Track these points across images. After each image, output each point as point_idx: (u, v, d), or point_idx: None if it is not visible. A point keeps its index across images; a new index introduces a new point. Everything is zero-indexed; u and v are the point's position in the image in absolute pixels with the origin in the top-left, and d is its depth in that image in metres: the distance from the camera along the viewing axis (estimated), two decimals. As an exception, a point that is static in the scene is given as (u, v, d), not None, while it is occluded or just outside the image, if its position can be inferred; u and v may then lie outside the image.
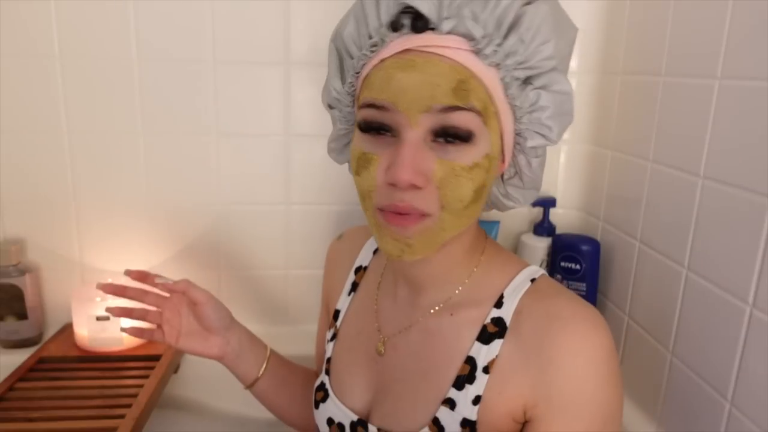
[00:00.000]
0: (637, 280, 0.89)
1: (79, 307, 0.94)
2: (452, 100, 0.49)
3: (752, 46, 0.64)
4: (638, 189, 0.88)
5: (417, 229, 0.52)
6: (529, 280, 0.59)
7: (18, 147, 0.98)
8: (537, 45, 0.51)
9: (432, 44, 0.50)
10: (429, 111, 0.50)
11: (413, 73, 0.50)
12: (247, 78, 0.99)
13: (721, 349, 0.69)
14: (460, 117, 0.50)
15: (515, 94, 0.52)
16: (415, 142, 0.51)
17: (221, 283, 1.08)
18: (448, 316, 0.60)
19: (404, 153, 0.50)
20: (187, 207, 1.04)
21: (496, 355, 0.56)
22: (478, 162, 0.51)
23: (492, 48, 0.50)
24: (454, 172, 0.51)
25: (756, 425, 0.63)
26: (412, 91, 0.50)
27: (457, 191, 0.51)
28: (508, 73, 0.52)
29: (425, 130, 0.51)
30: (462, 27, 0.50)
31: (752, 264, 0.64)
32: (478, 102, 0.50)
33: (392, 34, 0.52)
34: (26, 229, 1.01)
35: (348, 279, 0.73)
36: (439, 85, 0.49)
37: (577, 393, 0.53)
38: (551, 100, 0.53)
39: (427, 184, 0.51)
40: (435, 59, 0.50)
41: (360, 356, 0.66)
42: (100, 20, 0.94)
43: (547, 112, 0.54)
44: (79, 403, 0.81)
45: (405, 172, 0.50)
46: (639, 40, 0.90)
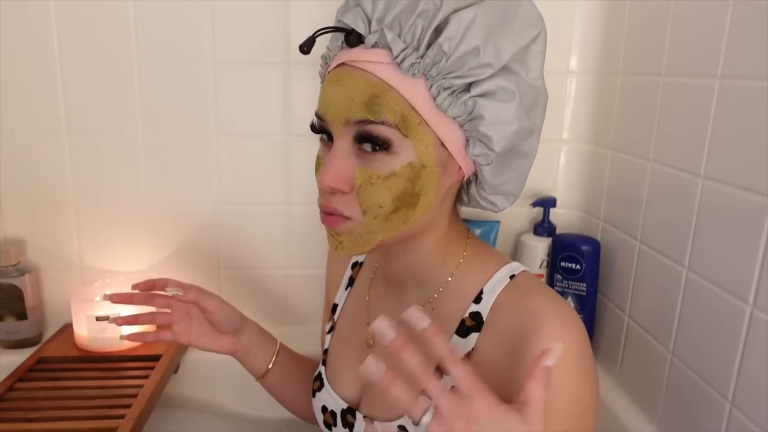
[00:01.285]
0: (637, 280, 0.89)
1: (78, 307, 0.94)
2: (364, 114, 0.53)
3: (752, 46, 0.64)
4: (638, 189, 0.88)
5: (342, 229, 0.57)
6: (508, 277, 0.61)
7: (18, 147, 0.98)
8: (462, 54, 0.51)
9: (357, 59, 0.54)
10: (347, 124, 0.54)
11: (337, 87, 0.54)
12: (247, 78, 0.99)
13: (721, 349, 0.69)
14: (374, 129, 0.53)
15: (446, 104, 0.53)
16: (341, 150, 0.55)
17: (221, 283, 1.08)
18: (430, 312, 0.63)
19: (329, 160, 0.55)
20: (187, 207, 1.04)
21: (472, 348, 0.58)
22: (395, 171, 0.54)
23: (412, 60, 0.52)
24: (370, 180, 0.54)
25: (756, 425, 0.63)
26: (334, 105, 0.54)
27: (373, 198, 0.54)
28: (435, 83, 0.52)
29: (349, 139, 0.55)
30: (383, 41, 0.52)
31: (752, 264, 0.64)
32: (392, 115, 0.52)
33: (334, 49, 0.57)
34: (26, 229, 1.01)
35: (346, 274, 0.77)
36: (354, 100, 0.53)
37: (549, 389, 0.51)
38: (489, 109, 0.53)
39: (351, 189, 0.55)
40: (357, 73, 0.54)
41: (352, 348, 0.70)
42: (100, 20, 0.94)
43: (483, 121, 0.53)
44: (78, 403, 0.81)
45: (326, 177, 0.54)
46: (639, 40, 0.90)
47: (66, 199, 1.01)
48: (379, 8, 0.53)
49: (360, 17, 0.54)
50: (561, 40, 1.03)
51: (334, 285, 0.79)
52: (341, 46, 0.56)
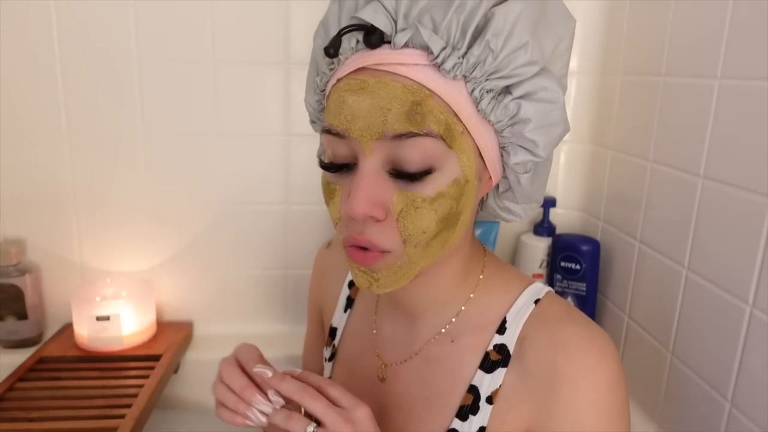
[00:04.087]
0: (637, 280, 0.89)
1: (79, 307, 0.94)
2: (406, 126, 0.45)
3: (752, 46, 0.64)
4: (638, 189, 0.88)
5: (380, 265, 0.49)
6: (533, 302, 0.56)
7: (18, 147, 0.98)
8: (510, 51, 0.45)
9: (386, 61, 0.46)
10: (382, 138, 0.45)
11: (364, 96, 0.45)
12: (247, 78, 0.99)
13: (721, 349, 0.69)
14: (416, 144, 0.45)
15: (489, 108, 0.47)
16: (371, 171, 0.46)
17: (221, 283, 1.08)
18: (449, 343, 0.57)
19: (359, 183, 0.46)
20: (187, 207, 1.04)
21: (500, 385, 0.54)
22: (442, 191, 0.47)
23: (454, 60, 0.45)
24: (414, 204, 0.46)
25: (756, 425, 0.63)
26: (363, 117, 0.45)
27: (417, 223, 0.47)
28: (478, 86, 0.46)
29: (382, 158, 0.46)
30: (418, 39, 0.45)
31: (752, 264, 0.64)
32: (437, 125, 0.45)
33: (347, 51, 0.48)
34: (26, 230, 1.01)
35: (342, 293, 0.69)
36: (390, 110, 0.45)
37: (576, 426, 0.50)
38: (534, 111, 0.47)
39: (386, 216, 0.47)
40: (387, 79, 0.45)
41: (361, 381, 0.63)
42: (100, 20, 0.94)
43: (529, 125, 0.48)
44: (79, 403, 0.81)
45: (359, 205, 0.46)
46: (639, 40, 0.90)
47: (66, 199, 1.01)
48: (404, 3, 0.45)
49: (382, 12, 0.45)
50: (561, 40, 1.02)
51: (327, 304, 0.71)
52: (355, 48, 0.48)
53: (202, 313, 1.08)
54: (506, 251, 1.12)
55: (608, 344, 0.53)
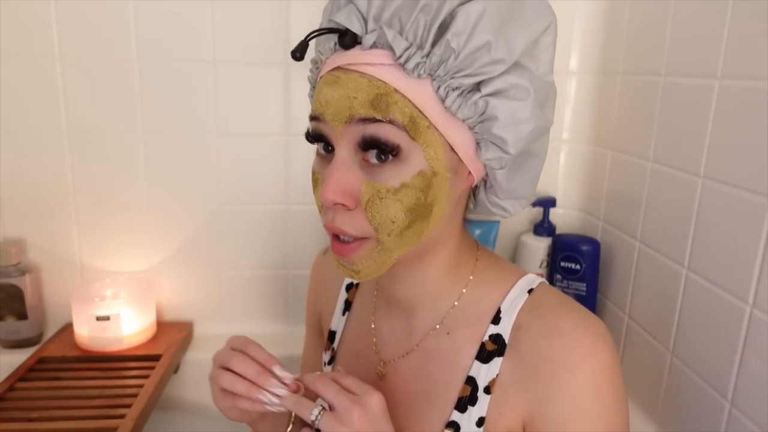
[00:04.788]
0: (637, 280, 0.89)
1: (79, 307, 0.94)
2: (370, 111, 0.48)
3: (752, 46, 0.64)
4: (638, 189, 0.88)
5: (358, 255, 0.51)
6: (526, 292, 0.57)
7: (18, 147, 0.98)
8: (472, 51, 0.46)
9: (356, 61, 0.49)
10: (350, 122, 0.49)
11: (336, 88, 0.49)
12: (247, 78, 0.99)
13: (721, 349, 0.69)
14: (380, 129, 0.48)
15: (456, 106, 0.49)
16: (343, 160, 0.50)
17: (221, 283, 1.08)
18: (445, 336, 0.58)
19: (331, 171, 0.50)
20: (187, 207, 1.04)
21: (497, 374, 0.55)
22: (407, 182, 0.49)
23: (417, 60, 0.47)
24: (379, 194, 0.49)
25: (756, 425, 0.63)
26: (333, 103, 0.49)
27: (383, 213, 0.49)
28: (443, 84, 0.48)
29: (352, 145, 0.50)
30: (384, 40, 0.47)
31: (752, 264, 0.64)
32: (401, 116, 0.48)
33: (326, 52, 0.52)
34: (26, 229, 1.01)
35: (340, 297, 0.70)
36: (356, 98, 0.48)
37: (575, 413, 0.51)
38: (502, 108, 0.49)
39: (356, 205, 0.50)
40: (355, 75, 0.49)
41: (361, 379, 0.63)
42: (100, 20, 0.94)
43: (497, 123, 0.49)
44: (79, 403, 0.81)
45: (329, 191, 0.49)
46: (639, 40, 0.90)
47: (66, 199, 1.01)
48: (375, 5, 0.48)
49: (354, 15, 0.49)
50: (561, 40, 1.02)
51: (326, 310, 0.72)
52: (334, 49, 0.51)
53: (202, 313, 1.08)
54: (506, 251, 1.12)
55: (603, 330, 0.54)
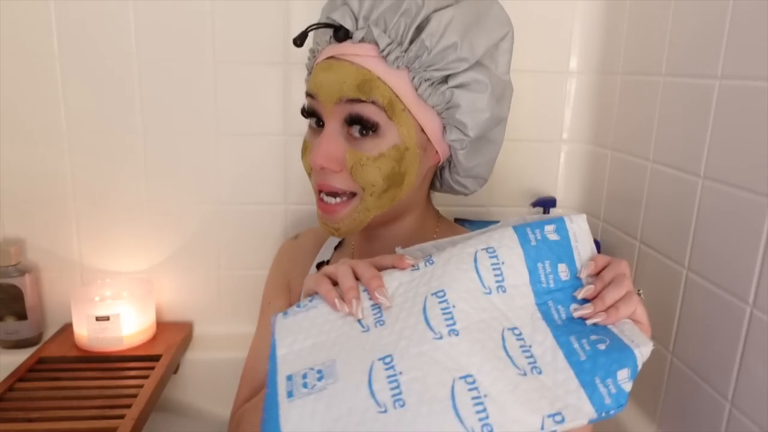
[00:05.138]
0: (637, 280, 0.89)
1: (78, 307, 0.94)
2: (356, 94, 0.59)
3: (752, 46, 0.64)
4: (638, 189, 0.88)
5: (341, 215, 0.63)
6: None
7: (18, 147, 0.98)
8: (441, 49, 0.58)
9: (346, 52, 0.60)
10: (339, 102, 0.60)
11: (329, 73, 0.60)
12: (247, 78, 0.99)
13: (721, 349, 0.69)
14: (364, 109, 0.59)
15: (427, 94, 0.60)
16: (331, 132, 0.61)
17: (221, 283, 1.08)
18: None
19: (320, 140, 0.61)
20: (187, 207, 1.04)
21: None
22: (383, 152, 0.60)
23: (397, 54, 0.59)
24: (360, 161, 0.60)
25: (756, 425, 0.63)
26: (326, 86, 0.60)
27: (366, 177, 0.60)
28: (417, 75, 0.59)
29: (339, 121, 0.61)
30: (370, 36, 0.59)
31: (752, 264, 0.64)
32: (381, 98, 0.59)
33: (323, 43, 0.63)
34: (26, 230, 1.01)
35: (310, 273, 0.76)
36: (346, 82, 0.59)
37: None
38: (465, 98, 0.60)
39: (341, 169, 0.61)
40: (346, 64, 0.60)
41: None
42: (100, 20, 0.94)
43: (459, 110, 0.61)
44: (78, 404, 0.81)
45: (318, 156, 0.60)
46: (639, 40, 0.90)
47: (66, 199, 1.01)
48: (365, 7, 0.59)
49: (348, 15, 0.60)
50: (561, 40, 1.03)
51: (297, 286, 0.79)
52: (329, 41, 0.62)
53: (202, 313, 1.08)
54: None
55: None
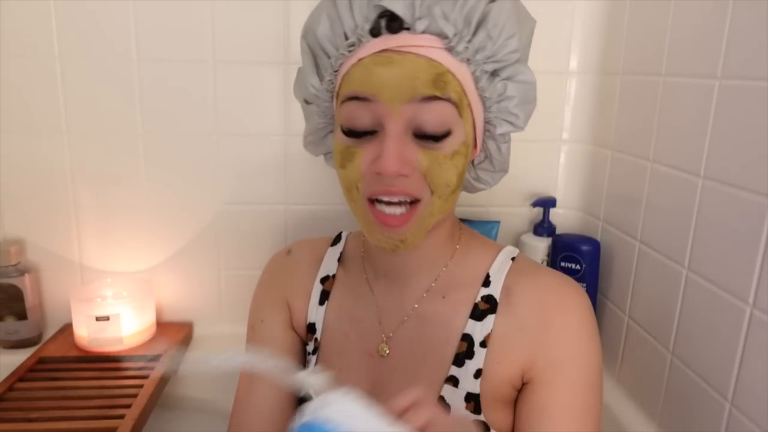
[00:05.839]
0: (637, 280, 0.89)
1: (78, 307, 0.94)
2: (432, 90, 0.53)
3: (752, 46, 0.64)
4: (638, 189, 0.88)
5: (410, 224, 0.56)
6: (510, 259, 0.65)
7: (18, 147, 0.98)
8: (504, 40, 0.55)
9: (407, 44, 0.53)
10: (411, 101, 0.53)
11: (393, 68, 0.53)
12: (247, 78, 0.99)
13: (721, 349, 0.69)
14: (438, 108, 0.53)
15: (485, 86, 0.57)
16: (398, 134, 0.54)
17: (221, 283, 1.08)
18: (440, 299, 0.64)
19: (390, 144, 0.53)
20: (187, 207, 1.04)
21: (491, 330, 0.61)
22: (457, 149, 0.56)
23: (463, 45, 0.54)
24: (437, 160, 0.55)
25: (756, 425, 0.63)
26: (393, 84, 0.53)
27: (443, 177, 0.55)
28: (478, 67, 0.56)
29: (406, 123, 0.54)
30: (435, 26, 0.53)
31: (752, 264, 0.64)
32: (454, 93, 0.54)
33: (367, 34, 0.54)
34: (26, 230, 1.01)
35: (314, 290, 0.71)
36: (419, 77, 0.53)
37: (571, 346, 0.60)
38: (517, 90, 0.58)
39: (413, 172, 0.55)
40: (411, 56, 0.53)
41: (353, 357, 0.67)
42: (100, 20, 0.94)
43: (513, 101, 0.58)
44: (78, 404, 0.81)
45: (392, 163, 0.53)
46: (639, 40, 0.90)
47: (66, 199, 1.01)
48: None
49: (404, 3, 0.52)
50: (561, 40, 1.03)
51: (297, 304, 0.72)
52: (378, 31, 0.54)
53: (202, 313, 1.08)
54: (506, 251, 1.12)
55: (578, 285, 0.64)
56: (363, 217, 0.58)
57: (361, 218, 0.59)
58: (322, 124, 0.64)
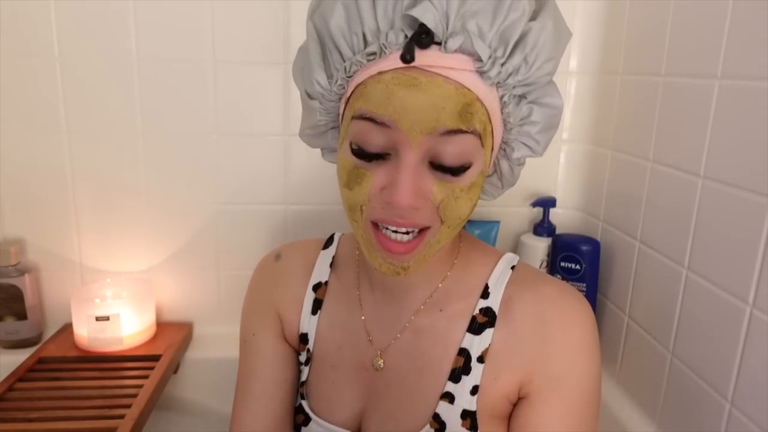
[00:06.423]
0: (637, 280, 0.89)
1: (78, 307, 0.94)
2: (457, 124, 0.48)
3: (752, 46, 0.64)
4: (638, 189, 0.88)
5: (415, 252, 0.52)
6: (509, 268, 0.62)
7: (18, 147, 0.98)
8: (540, 63, 0.50)
9: (437, 64, 0.48)
10: (433, 133, 0.48)
11: (417, 93, 0.47)
12: (247, 78, 0.99)
13: (721, 349, 0.69)
14: (461, 141, 0.48)
15: (511, 112, 0.52)
16: (415, 164, 0.49)
17: (221, 283, 1.08)
18: (437, 312, 0.62)
19: (405, 175, 0.48)
20: (187, 207, 1.04)
21: (489, 344, 0.59)
22: (474, 181, 0.51)
23: (497, 69, 0.49)
24: (453, 194, 0.50)
25: (756, 425, 0.63)
26: (416, 112, 0.47)
27: (457, 211, 0.51)
28: (508, 92, 0.51)
29: (423, 152, 0.49)
30: (468, 45, 0.47)
31: (752, 264, 0.64)
32: (480, 125, 0.49)
33: (392, 46, 0.48)
34: (26, 230, 1.01)
35: (306, 298, 0.68)
36: (445, 108, 0.47)
37: (570, 363, 0.57)
38: (542, 115, 0.53)
39: (426, 204, 0.50)
40: (439, 80, 0.47)
41: (346, 370, 0.64)
42: (100, 20, 0.94)
43: (537, 127, 0.54)
44: (78, 404, 0.81)
45: (406, 197, 0.48)
46: (639, 40, 0.90)
47: (66, 199, 1.01)
48: (453, 6, 0.47)
49: (433, 14, 0.46)
50: (561, 40, 1.03)
51: (289, 313, 0.69)
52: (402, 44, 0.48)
53: (202, 313, 1.08)
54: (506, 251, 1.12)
55: (582, 296, 0.60)
56: (365, 239, 0.54)
57: (362, 239, 0.54)
58: (323, 121, 0.58)
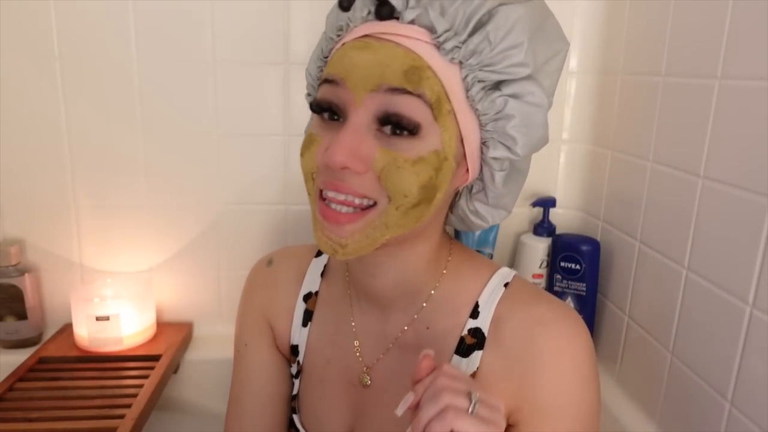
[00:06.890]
0: (637, 280, 0.89)
1: (78, 307, 0.94)
2: (402, 82, 0.47)
3: (752, 46, 0.64)
4: (638, 189, 0.88)
5: (355, 227, 0.50)
6: (502, 286, 0.58)
7: (18, 147, 0.98)
8: (505, 48, 0.48)
9: (391, 32, 0.49)
10: (377, 90, 0.47)
11: (366, 52, 0.48)
12: (247, 78, 0.99)
13: (721, 349, 0.69)
14: (408, 103, 0.47)
15: (478, 97, 0.50)
16: (357, 126, 0.48)
17: (221, 283, 1.07)
18: (424, 330, 0.59)
19: (343, 134, 0.48)
20: (187, 207, 1.04)
21: (477, 368, 0.56)
22: (423, 156, 0.48)
23: (453, 43, 0.48)
24: (396, 162, 0.48)
25: (756, 425, 0.63)
26: (361, 68, 0.48)
27: (399, 183, 0.48)
28: (471, 73, 0.49)
29: (371, 115, 0.48)
30: (425, 18, 0.48)
31: (752, 264, 0.64)
32: (430, 92, 0.48)
33: (356, 20, 0.51)
34: (26, 230, 1.01)
35: (297, 308, 0.67)
36: (389, 66, 0.47)
37: (561, 394, 0.54)
38: (519, 110, 0.50)
39: (367, 170, 0.49)
40: (390, 44, 0.48)
41: (335, 386, 0.64)
42: (100, 20, 0.94)
43: (512, 122, 0.50)
44: (78, 404, 0.81)
45: (339, 153, 0.47)
46: (639, 40, 0.90)
47: (66, 199, 1.01)
48: None
49: None
50: (561, 40, 1.03)
51: (279, 323, 0.68)
52: (365, 18, 0.51)
53: (202, 313, 1.08)
54: (506, 251, 1.12)
55: (578, 318, 0.57)
56: (313, 212, 0.53)
57: (312, 214, 0.54)
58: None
